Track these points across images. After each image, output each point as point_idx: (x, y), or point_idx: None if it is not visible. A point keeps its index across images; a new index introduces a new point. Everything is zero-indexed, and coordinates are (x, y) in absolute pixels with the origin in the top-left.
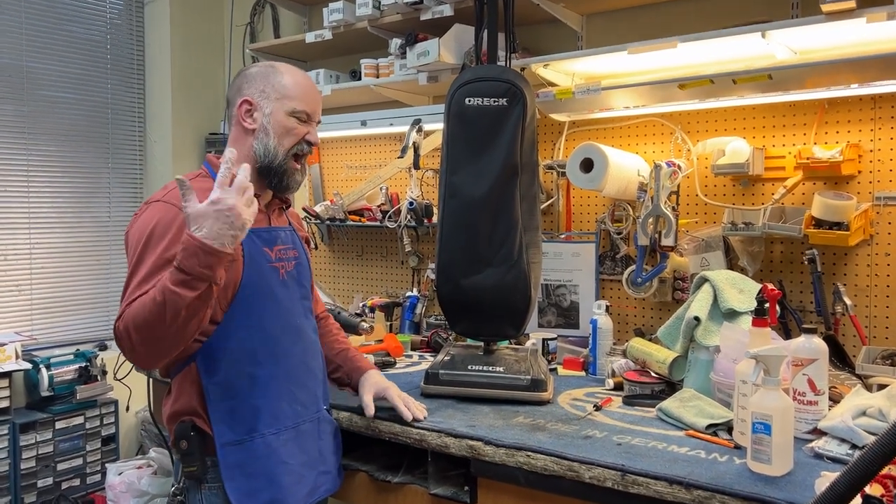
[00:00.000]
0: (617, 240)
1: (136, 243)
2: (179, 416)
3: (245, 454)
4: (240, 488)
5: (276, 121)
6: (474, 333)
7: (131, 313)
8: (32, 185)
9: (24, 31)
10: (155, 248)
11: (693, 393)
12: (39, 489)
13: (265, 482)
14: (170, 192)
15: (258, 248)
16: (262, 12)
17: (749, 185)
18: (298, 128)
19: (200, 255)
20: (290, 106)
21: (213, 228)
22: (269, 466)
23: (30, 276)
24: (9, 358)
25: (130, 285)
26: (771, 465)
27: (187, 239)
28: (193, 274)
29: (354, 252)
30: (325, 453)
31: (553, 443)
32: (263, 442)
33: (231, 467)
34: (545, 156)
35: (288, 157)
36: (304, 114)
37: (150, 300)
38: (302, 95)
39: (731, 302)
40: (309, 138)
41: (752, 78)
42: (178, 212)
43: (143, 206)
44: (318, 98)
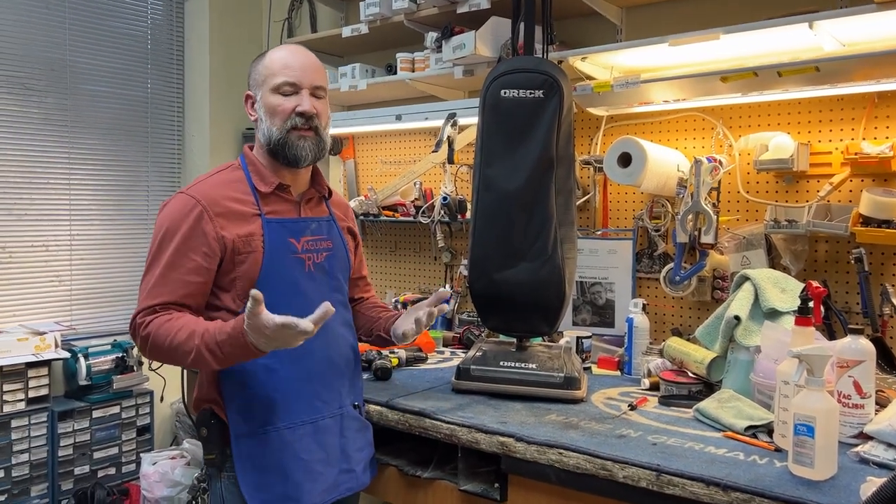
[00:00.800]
0: (655, 237)
1: (156, 235)
2: (201, 404)
3: (258, 447)
4: (252, 481)
5: (265, 104)
6: (507, 329)
7: (156, 332)
8: (74, 178)
9: (68, 26)
10: (170, 244)
11: (732, 394)
12: (76, 476)
13: (278, 476)
14: (194, 186)
15: (283, 239)
16: (300, 7)
17: (793, 181)
18: (284, 103)
19: (241, 350)
20: (272, 83)
21: (261, 341)
22: (283, 461)
23: (70, 266)
24: (48, 347)
25: (149, 279)
26: (814, 468)
27: (238, 335)
28: (227, 357)
29: (388, 247)
30: (348, 451)
31: (586, 441)
32: (278, 435)
33: (244, 459)
34: (582, 150)
35: (283, 132)
36: (287, 85)
37: (177, 341)
38: (281, 68)
39: (773, 301)
40: (299, 109)
41: (798, 70)
42: (195, 204)
43: (171, 197)
44: (303, 65)
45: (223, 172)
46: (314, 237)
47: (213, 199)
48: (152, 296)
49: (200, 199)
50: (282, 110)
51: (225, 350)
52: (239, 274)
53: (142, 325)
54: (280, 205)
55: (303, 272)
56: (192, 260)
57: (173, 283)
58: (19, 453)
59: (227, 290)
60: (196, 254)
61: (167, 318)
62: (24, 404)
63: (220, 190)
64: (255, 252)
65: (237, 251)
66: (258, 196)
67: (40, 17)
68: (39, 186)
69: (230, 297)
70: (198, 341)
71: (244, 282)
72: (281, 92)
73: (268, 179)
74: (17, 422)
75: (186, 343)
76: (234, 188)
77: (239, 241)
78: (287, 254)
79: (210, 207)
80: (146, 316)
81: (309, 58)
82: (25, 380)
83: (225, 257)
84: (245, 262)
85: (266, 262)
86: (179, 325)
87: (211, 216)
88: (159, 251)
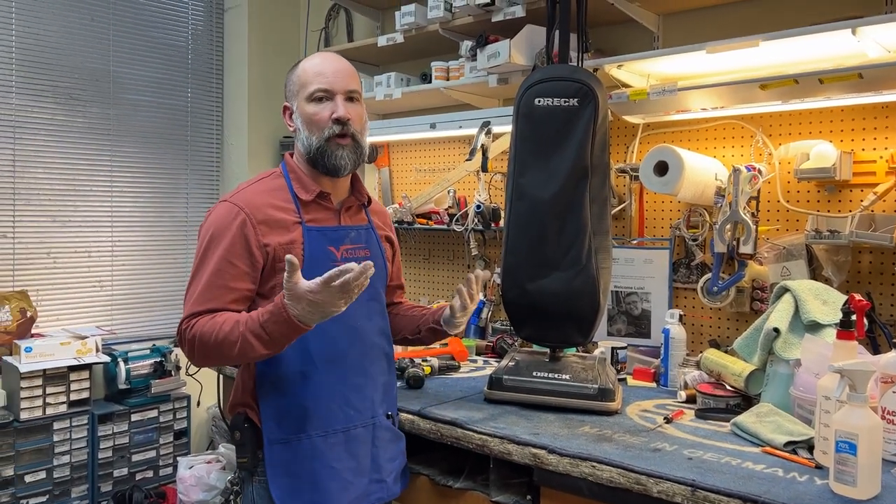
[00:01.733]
0: (692, 246)
1: (201, 242)
2: (236, 408)
3: (290, 453)
4: (283, 487)
5: (302, 114)
6: (540, 339)
7: (202, 331)
8: (115, 185)
9: (112, 37)
10: (216, 251)
11: (771, 408)
12: (115, 479)
13: (308, 484)
14: (237, 194)
15: (322, 247)
16: (337, 17)
17: (835, 190)
18: (320, 112)
19: (285, 326)
20: (306, 92)
21: (304, 310)
22: (314, 468)
23: (111, 272)
24: (90, 350)
25: (195, 286)
26: (856, 487)
27: (279, 309)
28: (273, 337)
29: (421, 255)
30: (379, 461)
31: (620, 454)
32: (310, 443)
33: (276, 465)
34: (617, 159)
35: (321, 142)
36: (321, 92)
37: (223, 333)
38: (313, 76)
39: (814, 313)
40: (334, 115)
41: (840, 77)
42: (239, 212)
43: (215, 204)
44: (335, 70)
45: (265, 180)
46: (353, 245)
47: (255, 207)
48: (199, 302)
49: (243, 207)
50: (318, 119)
51: (269, 329)
52: (279, 281)
53: (188, 329)
54: (320, 213)
55: None
56: (236, 267)
57: (219, 289)
58: (61, 455)
59: (268, 297)
60: (241, 261)
61: (210, 317)
62: (66, 407)
63: (262, 197)
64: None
65: (278, 258)
66: (299, 204)
67: (85, 29)
68: (83, 194)
69: (270, 302)
70: (242, 329)
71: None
72: (315, 99)
73: (309, 188)
74: (59, 424)
75: (231, 333)
76: (276, 196)
77: (280, 248)
78: (326, 262)
79: (253, 215)
80: (192, 320)
81: (341, 63)
82: (67, 383)
83: (266, 265)
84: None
85: (305, 269)
86: (222, 319)
87: (253, 223)
88: (204, 259)
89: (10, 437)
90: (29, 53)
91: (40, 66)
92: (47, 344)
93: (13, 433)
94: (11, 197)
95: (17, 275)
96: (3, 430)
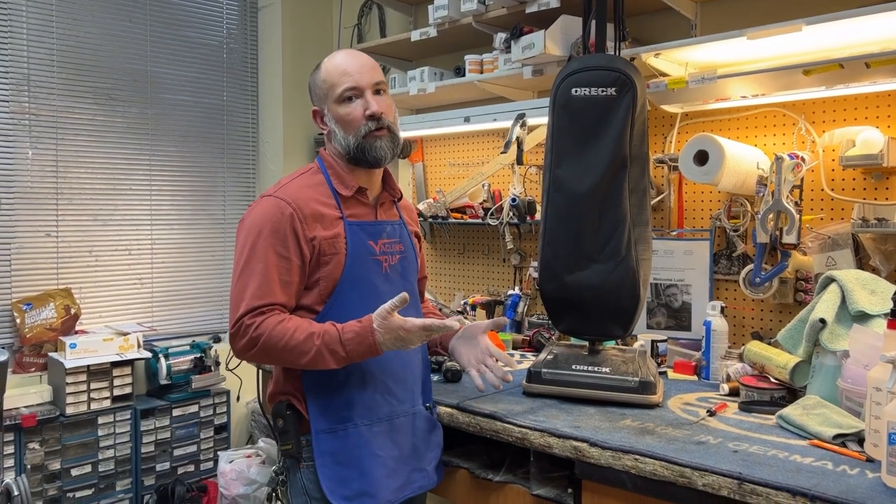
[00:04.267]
0: (733, 237)
1: (248, 236)
2: (277, 396)
3: (338, 442)
4: (332, 476)
5: (334, 116)
6: (578, 332)
7: (271, 333)
8: (154, 184)
9: (149, 38)
10: (267, 245)
11: (818, 400)
12: (158, 473)
13: (357, 472)
14: (281, 188)
15: (363, 241)
16: (370, 13)
17: (882, 178)
18: (353, 110)
19: (365, 349)
20: (335, 94)
21: (389, 340)
22: (362, 457)
23: (151, 269)
24: (132, 347)
25: (248, 280)
26: None
27: (367, 333)
28: (350, 356)
29: (456, 250)
30: (420, 450)
31: (663, 447)
32: (356, 432)
33: (324, 454)
34: (656, 149)
35: (359, 139)
36: (349, 91)
37: (295, 341)
38: (339, 76)
39: (862, 304)
40: (368, 112)
41: (888, 61)
42: (286, 206)
43: (257, 200)
44: (359, 66)
45: (305, 176)
46: (389, 240)
47: (302, 201)
48: (258, 296)
49: (290, 202)
50: (352, 118)
51: (349, 349)
52: (323, 275)
53: (252, 326)
54: (359, 208)
55: (380, 273)
56: (289, 261)
57: (276, 284)
58: (105, 449)
59: (311, 290)
60: (293, 254)
61: (280, 319)
62: (110, 402)
63: (306, 192)
64: (338, 254)
65: (323, 252)
66: (339, 199)
67: (124, 31)
68: (123, 192)
69: (312, 296)
70: (318, 342)
71: (327, 282)
72: (346, 99)
73: (348, 183)
74: (103, 419)
75: (305, 343)
76: (318, 191)
77: (325, 243)
78: (367, 256)
79: (300, 209)
80: (255, 316)
81: (362, 57)
82: (111, 378)
83: (312, 258)
84: (329, 264)
85: (348, 263)
86: (294, 325)
87: (301, 218)
88: (255, 253)
89: (57, 432)
90: (69, 56)
91: (80, 68)
92: (91, 340)
93: (59, 428)
94: (55, 197)
95: (60, 273)
96: (50, 424)
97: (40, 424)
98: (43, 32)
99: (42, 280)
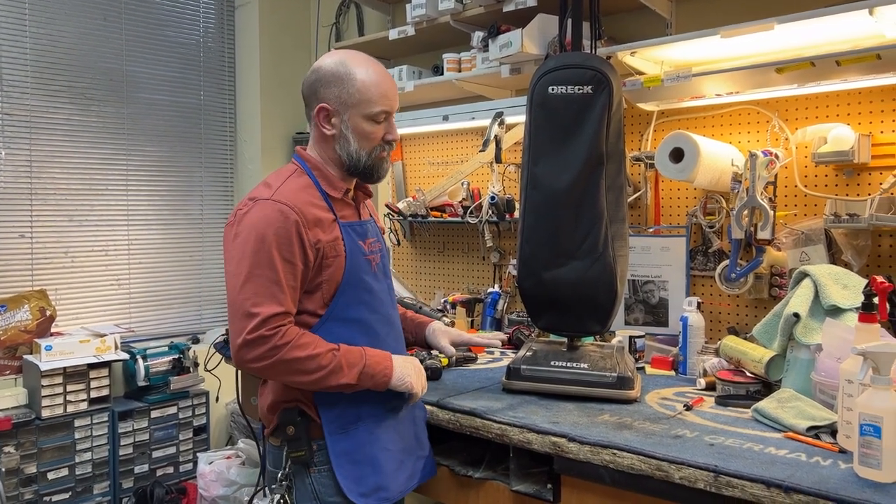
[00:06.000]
0: (709, 233)
1: (248, 239)
2: (283, 404)
3: (351, 442)
4: (349, 475)
5: (355, 126)
6: (557, 329)
7: (296, 343)
8: (131, 184)
9: (125, 37)
10: (274, 251)
11: (792, 393)
12: (136, 475)
13: (370, 469)
14: (279, 192)
15: (355, 242)
16: (347, 12)
17: (854, 174)
18: (376, 130)
19: (380, 383)
20: (368, 110)
21: (404, 377)
22: (373, 453)
23: (128, 270)
24: (109, 348)
25: (259, 286)
26: (881, 470)
27: (385, 372)
28: (365, 369)
29: (436, 248)
30: (421, 438)
31: (641, 441)
32: (366, 429)
33: (339, 455)
34: (632, 147)
35: (371, 158)
36: (383, 114)
37: (317, 352)
38: (380, 97)
39: (835, 298)
40: (388, 137)
41: (858, 59)
42: (290, 212)
43: (248, 203)
44: (394, 91)
45: (293, 178)
46: (372, 238)
47: (302, 206)
48: (274, 304)
49: (293, 206)
50: (374, 137)
51: (368, 362)
52: (325, 278)
53: (276, 335)
54: (347, 209)
55: (371, 272)
56: (294, 266)
57: (286, 291)
58: (82, 452)
59: (313, 293)
60: (299, 260)
61: (301, 332)
62: (87, 404)
63: (301, 196)
64: (339, 256)
65: (326, 256)
66: (330, 201)
67: (99, 29)
68: (99, 193)
69: (314, 300)
70: (338, 355)
71: (330, 285)
72: (374, 119)
73: (337, 185)
74: (80, 421)
75: (325, 357)
76: (310, 194)
77: (328, 246)
78: (360, 256)
79: (303, 214)
80: (278, 325)
81: (392, 80)
82: (87, 381)
83: (315, 263)
84: (331, 267)
85: (348, 265)
86: (314, 339)
87: (304, 222)
88: (262, 257)
89: (33, 435)
90: (43, 55)
91: (55, 67)
92: (67, 342)
93: (35, 431)
94: (29, 197)
95: (35, 274)
96: (25, 427)
97: (15, 428)
98: (16, 31)
99: (16, 281)
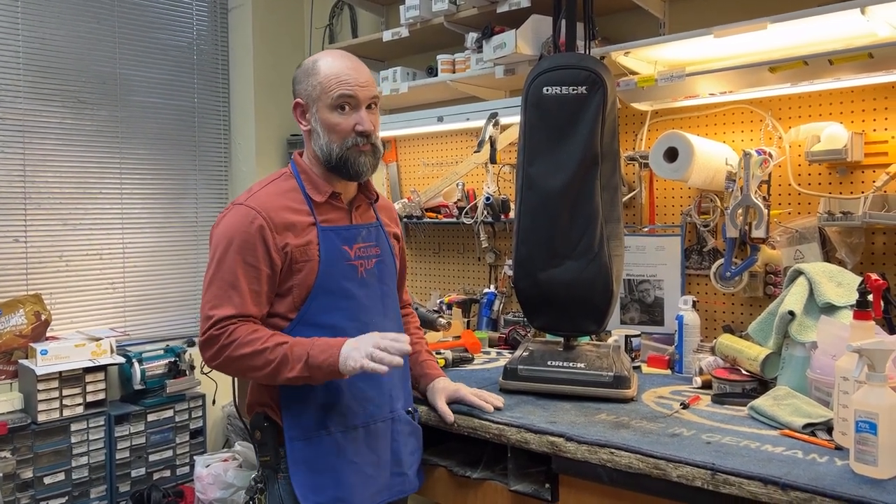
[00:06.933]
0: (704, 232)
1: (218, 245)
2: (255, 408)
3: (312, 450)
4: (305, 483)
5: (322, 119)
6: (553, 328)
7: (241, 342)
8: (125, 188)
9: (118, 40)
10: (236, 255)
11: (788, 391)
12: (133, 479)
13: (331, 479)
14: (251, 197)
15: (337, 246)
16: (341, 14)
17: (847, 172)
18: (343, 121)
19: (332, 372)
20: (329, 99)
21: (347, 360)
22: (336, 464)
23: (123, 273)
24: (104, 352)
25: (217, 288)
26: (877, 466)
27: (330, 360)
28: (311, 358)
29: (431, 249)
30: (399, 454)
31: (638, 440)
32: (331, 439)
33: (298, 462)
34: (626, 147)
35: (343, 150)
36: (347, 99)
37: (263, 347)
38: (339, 83)
39: (829, 296)
40: (358, 128)
41: (850, 57)
42: (256, 216)
43: (228, 207)
44: (359, 79)
45: (277, 182)
46: (365, 244)
47: (271, 210)
48: (228, 306)
49: (260, 211)
50: (341, 129)
51: (314, 352)
52: (296, 282)
53: (223, 335)
54: (333, 213)
55: (356, 278)
56: (258, 270)
57: (246, 294)
58: (79, 456)
59: (284, 297)
60: (262, 264)
61: (253, 329)
62: (83, 408)
63: (276, 200)
64: (311, 261)
65: (295, 260)
66: (312, 205)
67: (91, 33)
68: (93, 196)
69: (286, 304)
70: (285, 348)
71: (301, 289)
72: (339, 107)
73: (321, 189)
74: (76, 426)
75: (273, 351)
76: (290, 198)
77: (297, 250)
78: (341, 261)
79: (270, 218)
80: (226, 326)
81: (362, 68)
82: (83, 385)
83: (284, 266)
84: (302, 271)
85: (322, 270)
86: (266, 334)
87: (271, 227)
88: (223, 262)
89: (29, 440)
90: (36, 58)
91: (47, 70)
92: (62, 346)
93: (31, 436)
94: (23, 201)
95: (30, 278)
96: (21, 432)
97: (12, 433)
98: (8, 34)
99: (11, 286)
